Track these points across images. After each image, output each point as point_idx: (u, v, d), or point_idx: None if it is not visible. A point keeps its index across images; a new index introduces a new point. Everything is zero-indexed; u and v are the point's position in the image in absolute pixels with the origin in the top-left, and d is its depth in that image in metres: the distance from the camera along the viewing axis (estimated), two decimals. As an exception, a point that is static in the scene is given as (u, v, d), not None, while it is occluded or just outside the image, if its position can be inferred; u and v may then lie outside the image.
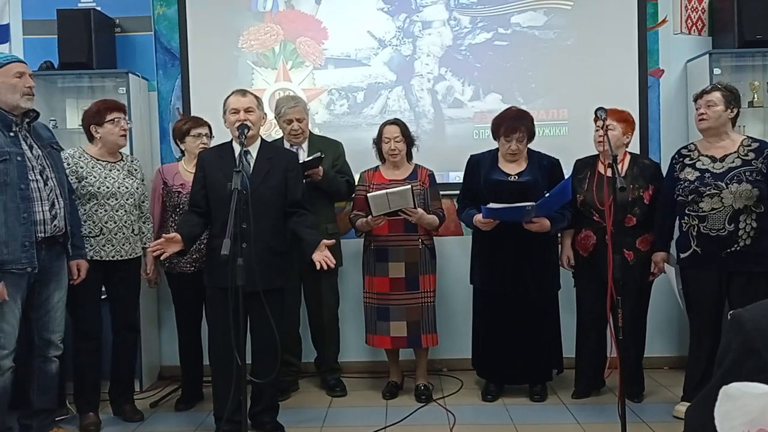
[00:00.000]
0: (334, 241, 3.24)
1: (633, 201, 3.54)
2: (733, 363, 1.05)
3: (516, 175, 3.65)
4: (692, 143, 3.52)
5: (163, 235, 3.25)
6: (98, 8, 4.33)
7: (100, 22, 4.24)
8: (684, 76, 4.38)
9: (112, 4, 4.41)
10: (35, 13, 4.42)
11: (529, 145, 3.71)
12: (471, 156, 3.83)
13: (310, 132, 4.04)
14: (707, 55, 4.10)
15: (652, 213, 3.56)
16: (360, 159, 4.05)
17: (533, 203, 3.39)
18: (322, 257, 3.09)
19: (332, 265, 3.10)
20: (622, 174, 3.53)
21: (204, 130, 3.79)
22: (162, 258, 3.23)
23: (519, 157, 3.67)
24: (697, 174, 3.33)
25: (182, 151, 3.89)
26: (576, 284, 3.80)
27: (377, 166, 3.91)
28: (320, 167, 3.70)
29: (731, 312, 1.10)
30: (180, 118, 4.18)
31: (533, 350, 3.70)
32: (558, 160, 3.74)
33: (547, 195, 3.44)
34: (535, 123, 3.70)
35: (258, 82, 4.46)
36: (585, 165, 3.72)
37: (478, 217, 3.54)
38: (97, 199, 3.43)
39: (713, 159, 3.35)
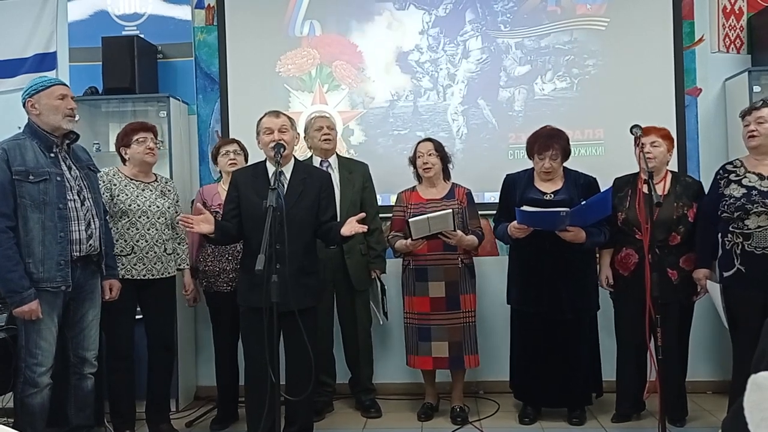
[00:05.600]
0: (364, 214, 3.20)
1: (678, 219, 3.48)
2: None
3: (552, 193, 3.62)
4: (738, 159, 3.45)
5: (197, 205, 3.29)
6: (141, 35, 4.48)
7: (143, 49, 4.37)
8: (722, 95, 4.33)
9: (154, 32, 4.56)
10: (81, 41, 4.58)
11: (566, 165, 3.69)
12: (507, 175, 3.82)
13: (338, 153, 4.09)
14: (746, 73, 4.04)
15: None
16: (393, 181, 4.09)
17: (567, 209, 3.34)
18: (350, 227, 3.08)
19: (363, 230, 3.10)
20: (665, 192, 3.50)
21: (231, 147, 3.88)
22: (188, 230, 3.20)
23: (554, 175, 3.65)
24: (744, 191, 3.26)
25: (220, 173, 3.99)
26: (615, 304, 3.73)
27: (414, 187, 3.92)
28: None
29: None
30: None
31: (570, 372, 3.63)
32: (595, 178, 3.70)
33: (583, 203, 3.40)
34: (570, 141, 3.67)
35: (295, 105, 4.53)
36: (625, 183, 3.67)
37: (513, 223, 3.50)
38: (129, 217, 3.49)
39: (761, 176, 3.28)
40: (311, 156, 4.05)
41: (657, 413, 3.09)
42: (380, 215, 4.08)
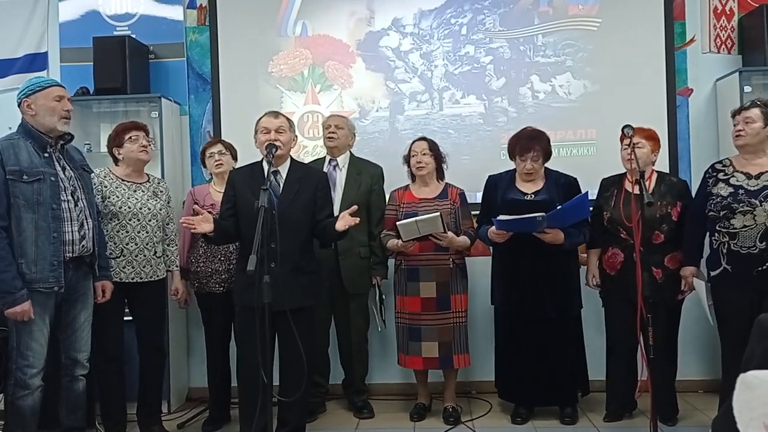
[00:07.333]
0: (356, 207, 3.18)
1: (661, 218, 3.49)
2: (757, 369, 1.02)
3: (532, 194, 3.64)
4: (727, 158, 3.45)
5: (195, 207, 3.30)
6: (133, 35, 4.47)
7: (135, 49, 4.36)
8: (714, 95, 4.35)
9: (146, 32, 4.55)
10: (72, 41, 4.57)
11: (551, 165, 3.71)
12: (489, 176, 3.85)
13: (351, 154, 4.09)
14: (737, 73, 4.06)
15: (681, 230, 3.50)
16: (390, 181, 4.08)
17: (544, 213, 3.37)
18: (344, 222, 3.10)
19: (356, 222, 3.11)
20: (650, 191, 3.50)
21: (215, 149, 3.87)
22: (192, 231, 3.23)
23: (535, 176, 3.67)
24: (731, 190, 3.27)
25: (211, 174, 4.00)
26: (604, 304, 3.74)
27: (407, 185, 3.92)
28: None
29: (757, 318, 1.07)
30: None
31: (554, 371, 3.64)
32: (576, 179, 3.72)
33: (559, 207, 3.42)
34: (551, 142, 3.70)
35: (287, 106, 4.52)
36: (611, 183, 3.69)
37: (492, 228, 3.53)
38: (119, 219, 3.47)
39: (748, 176, 3.28)
40: (322, 159, 4.09)
41: (648, 412, 3.09)
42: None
